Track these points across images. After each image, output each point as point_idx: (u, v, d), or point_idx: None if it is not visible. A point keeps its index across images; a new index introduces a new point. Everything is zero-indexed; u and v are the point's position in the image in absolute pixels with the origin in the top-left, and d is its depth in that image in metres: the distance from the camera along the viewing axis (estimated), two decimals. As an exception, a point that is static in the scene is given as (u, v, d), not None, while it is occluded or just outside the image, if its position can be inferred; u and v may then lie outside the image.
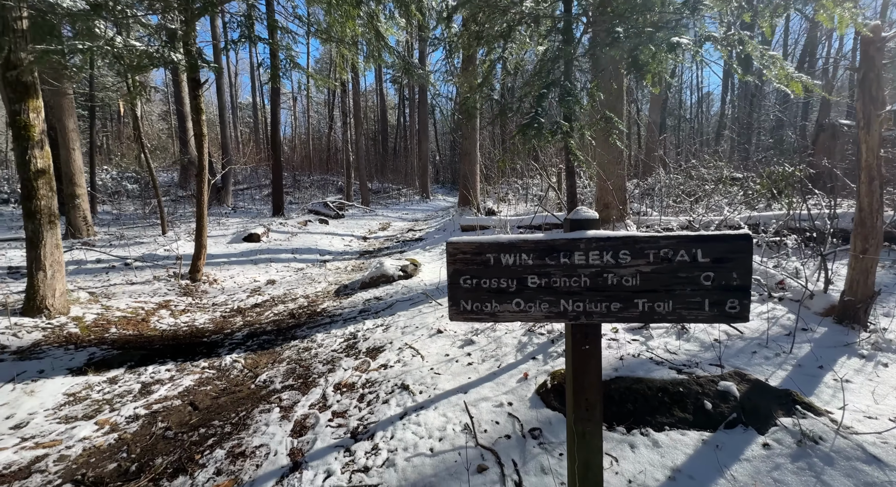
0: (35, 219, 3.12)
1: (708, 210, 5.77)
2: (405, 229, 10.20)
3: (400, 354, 2.82)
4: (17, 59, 2.94)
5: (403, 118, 33.01)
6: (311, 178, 20.39)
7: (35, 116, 3.07)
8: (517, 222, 7.06)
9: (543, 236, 1.15)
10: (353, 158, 15.12)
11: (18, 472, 1.70)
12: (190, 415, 2.21)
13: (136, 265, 5.29)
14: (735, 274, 1.03)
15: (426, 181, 17.45)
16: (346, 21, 4.72)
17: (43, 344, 2.84)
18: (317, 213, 10.55)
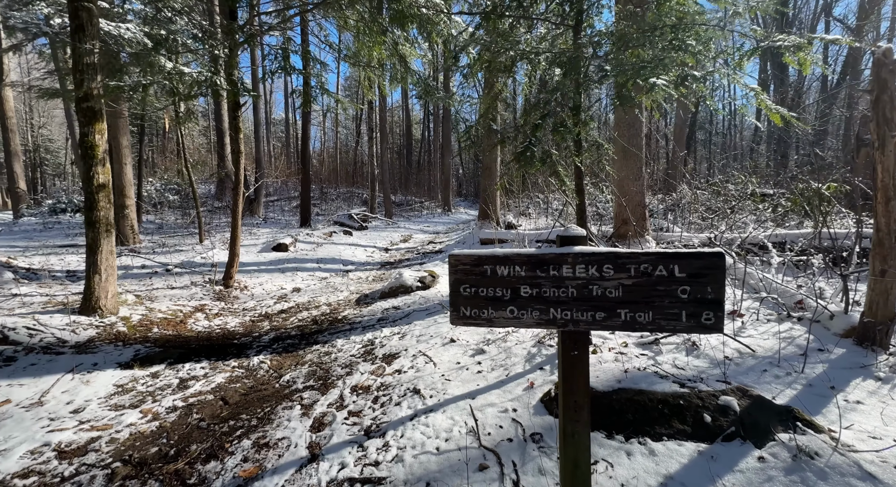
0: (94, 228, 3.51)
1: (732, 227, 5.66)
2: (426, 241, 10.42)
3: (414, 361, 2.95)
4: (88, 90, 3.38)
5: (428, 132, 33.76)
6: (337, 191, 21.16)
7: (100, 138, 3.49)
8: (535, 236, 7.13)
9: (535, 251, 1.28)
10: (377, 172, 15.64)
11: (77, 450, 1.94)
12: (221, 409, 2.42)
13: (175, 271, 5.72)
14: (709, 289, 1.13)
15: (448, 194, 17.75)
16: (374, 46, 5.07)
17: (96, 340, 3.16)
18: (342, 225, 10.96)
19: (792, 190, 6.99)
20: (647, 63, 1.67)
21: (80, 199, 15.26)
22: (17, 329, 2.96)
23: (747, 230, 5.24)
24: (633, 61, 1.77)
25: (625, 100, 1.79)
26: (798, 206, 6.09)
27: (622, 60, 1.76)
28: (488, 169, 9.26)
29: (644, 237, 5.47)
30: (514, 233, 7.55)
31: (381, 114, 16.30)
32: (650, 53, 1.76)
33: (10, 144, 14.86)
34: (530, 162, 1.93)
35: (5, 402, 2.21)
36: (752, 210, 6.45)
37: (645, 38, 1.73)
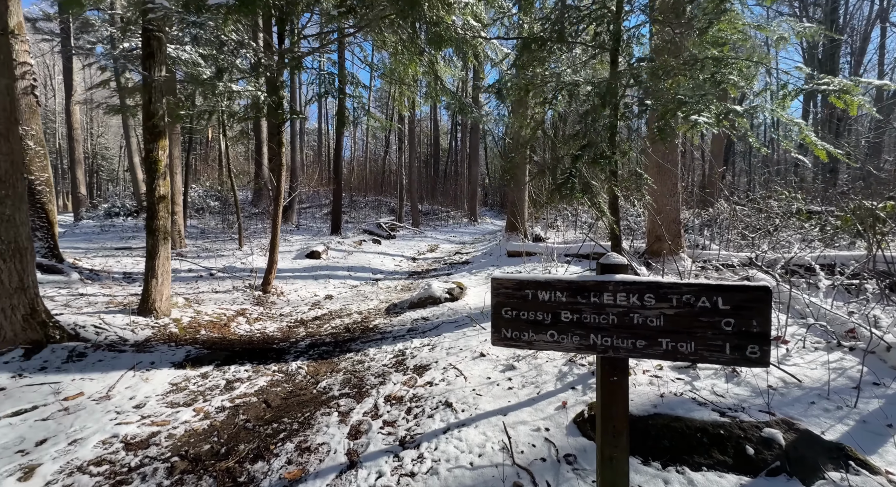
0: (154, 236, 3.81)
1: (775, 246, 5.41)
2: (452, 252, 10.52)
3: (444, 373, 3.01)
4: (154, 110, 3.71)
5: (455, 142, 34.12)
6: (365, 199, 21.71)
7: (162, 153, 3.81)
8: (564, 250, 7.06)
9: (576, 278, 1.33)
10: (405, 181, 15.97)
11: (141, 443, 2.12)
12: (264, 411, 2.56)
13: (218, 275, 6.07)
14: (755, 322, 1.14)
15: (475, 205, 17.84)
16: (409, 64, 5.28)
17: (152, 339, 3.42)
18: (371, 234, 11.25)
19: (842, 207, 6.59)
20: (688, 97, 1.68)
21: (132, 204, 16.43)
22: (87, 327, 3.26)
23: (792, 250, 5.00)
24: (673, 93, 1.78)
25: (666, 135, 1.80)
26: (849, 226, 5.74)
27: (662, 92, 1.78)
28: (516, 181, 9.29)
29: (679, 255, 5.32)
30: (542, 246, 7.51)
31: (410, 126, 16.70)
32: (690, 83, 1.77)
33: (75, 153, 16.25)
34: (572, 193, 1.96)
35: (79, 395, 2.44)
36: (797, 228, 6.14)
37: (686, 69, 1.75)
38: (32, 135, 5.10)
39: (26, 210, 2.78)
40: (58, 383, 2.51)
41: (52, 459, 1.92)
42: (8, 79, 2.65)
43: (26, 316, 2.74)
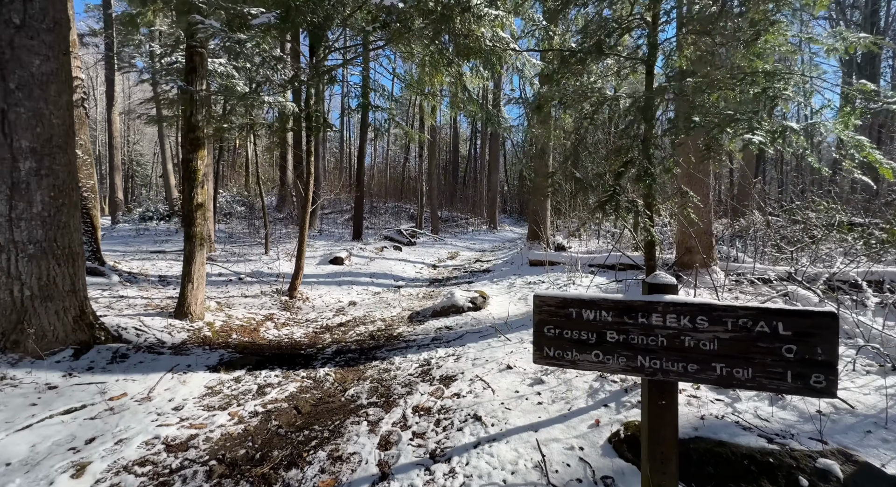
0: (191, 242, 3.96)
1: (815, 260, 5.16)
2: (473, 259, 10.49)
3: (471, 385, 2.99)
4: (195, 122, 3.88)
5: (474, 149, 34.23)
6: (385, 205, 21.97)
7: (201, 163, 3.98)
8: (588, 260, 6.94)
9: (622, 297, 1.31)
10: (425, 188, 16.09)
11: (180, 445, 2.19)
12: (295, 418, 2.61)
13: (247, 280, 6.25)
14: (820, 350, 1.08)
15: (495, 212, 17.79)
16: (436, 75, 5.35)
17: (188, 342, 3.54)
18: (391, 240, 11.36)
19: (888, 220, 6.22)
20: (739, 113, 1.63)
21: (165, 208, 17.16)
22: (128, 329, 3.41)
23: (834, 264, 4.76)
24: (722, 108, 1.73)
25: (716, 152, 1.75)
26: (897, 239, 5.42)
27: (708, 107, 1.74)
28: (539, 189, 9.22)
29: (710, 267, 5.15)
30: (565, 256, 7.41)
31: (431, 134, 16.86)
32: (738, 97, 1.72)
33: (114, 160, 17.13)
34: (616, 211, 1.93)
35: (123, 395, 2.54)
36: (839, 241, 5.84)
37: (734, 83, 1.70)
38: (81, 144, 5.42)
39: (79, 217, 2.95)
40: (103, 383, 2.63)
41: (101, 458, 2.00)
42: (68, 95, 2.83)
43: (76, 317, 2.89)
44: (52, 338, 2.75)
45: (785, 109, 1.81)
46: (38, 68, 2.63)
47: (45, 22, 2.65)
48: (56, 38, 2.71)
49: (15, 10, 2.54)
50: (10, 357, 2.58)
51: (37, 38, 2.62)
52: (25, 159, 2.62)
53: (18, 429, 2.08)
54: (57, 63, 2.73)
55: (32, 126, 2.63)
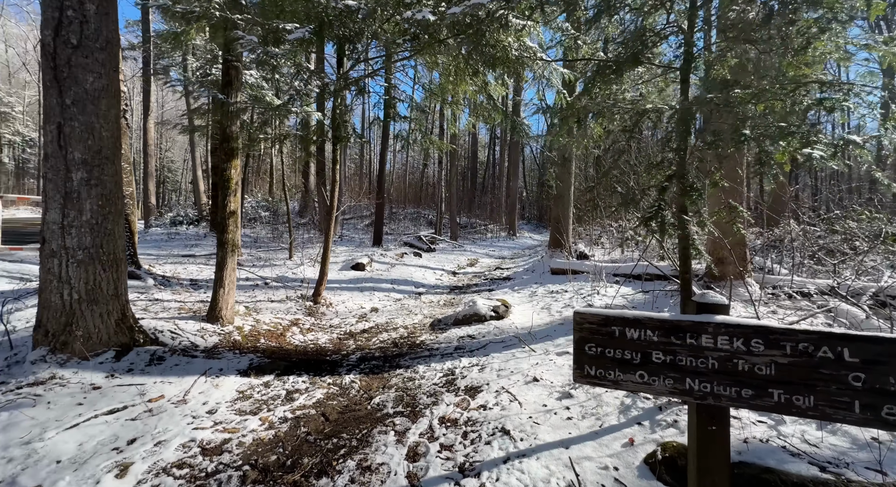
0: (224, 248, 4.09)
1: (860, 273, 4.89)
2: (492, 266, 10.43)
3: (497, 397, 2.96)
4: (230, 132, 4.03)
5: (493, 155, 34.21)
6: (404, 211, 22.18)
7: (234, 172, 4.11)
8: (613, 269, 6.79)
9: (669, 316, 1.27)
10: (445, 195, 16.16)
11: (215, 449, 2.25)
12: (323, 425, 2.63)
13: (272, 285, 6.40)
14: (892, 379, 1.02)
15: (514, 219, 17.68)
16: (460, 84, 5.39)
17: (219, 346, 3.65)
18: (411, 246, 11.43)
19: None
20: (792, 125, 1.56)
21: (194, 213, 17.82)
22: (164, 332, 3.53)
23: (882, 277, 4.50)
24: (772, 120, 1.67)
25: (768, 167, 1.68)
26: (950, 252, 5.07)
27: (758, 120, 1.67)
28: (561, 197, 9.12)
29: (744, 279, 4.95)
30: (588, 265, 7.27)
31: (451, 140, 16.97)
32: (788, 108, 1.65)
33: (148, 166, 17.95)
34: (662, 228, 1.88)
35: (160, 397, 2.63)
36: (886, 253, 5.52)
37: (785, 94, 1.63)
38: (121, 153, 5.71)
39: (122, 224, 3.10)
40: (142, 385, 2.73)
41: (142, 459, 2.07)
42: (116, 109, 2.99)
43: (118, 320, 3.02)
44: (96, 340, 2.88)
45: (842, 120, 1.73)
46: (92, 85, 2.80)
47: (98, 41, 2.82)
48: (108, 56, 2.88)
49: (73, 32, 2.71)
50: (58, 357, 2.71)
51: (91, 57, 2.79)
52: (77, 170, 2.77)
53: (67, 428, 2.18)
54: (108, 79, 2.89)
55: (85, 139, 2.78)
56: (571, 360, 3.42)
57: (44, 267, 2.78)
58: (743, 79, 1.90)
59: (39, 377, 2.55)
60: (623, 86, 2.41)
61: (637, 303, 5.21)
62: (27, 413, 2.24)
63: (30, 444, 2.03)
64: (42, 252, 2.79)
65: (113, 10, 2.90)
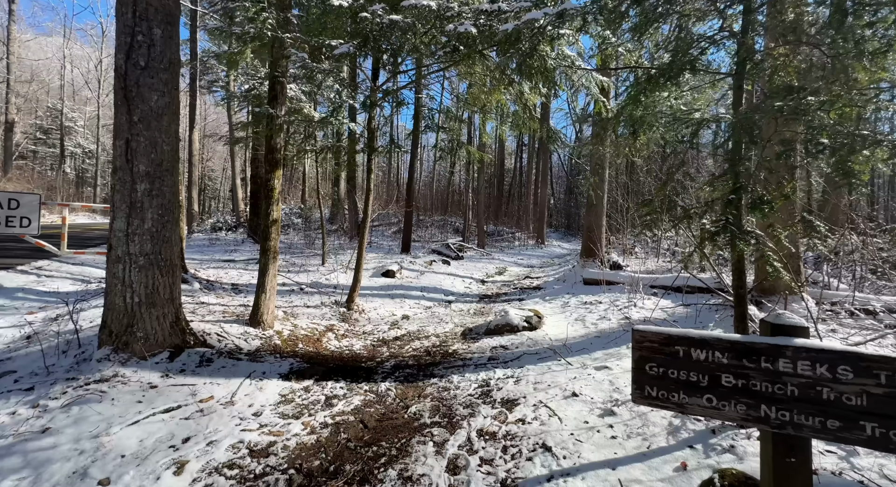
0: (266, 255, 4.26)
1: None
2: (521, 275, 10.30)
3: (536, 411, 2.89)
4: (274, 144, 4.21)
5: (520, 162, 33.99)
6: (431, 219, 22.35)
7: (278, 182, 4.29)
8: (650, 281, 6.54)
9: (740, 337, 1.20)
10: (472, 202, 16.17)
11: (261, 451, 2.32)
12: (362, 432, 2.66)
13: (307, 290, 6.59)
14: None
15: (542, 227, 17.43)
16: (493, 93, 5.41)
17: (261, 350, 3.78)
18: (439, 254, 11.48)
19: None
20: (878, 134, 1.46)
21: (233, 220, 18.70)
22: (211, 334, 3.70)
23: (960, 297, 4.08)
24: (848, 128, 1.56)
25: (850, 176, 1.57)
26: None
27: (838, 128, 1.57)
28: (594, 206, 8.91)
29: (798, 294, 4.63)
30: (624, 275, 7.04)
31: (479, 148, 17.03)
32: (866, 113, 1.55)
33: (192, 175, 19.04)
34: (733, 243, 1.80)
35: (210, 398, 2.75)
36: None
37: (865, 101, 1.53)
38: (174, 164, 6.09)
39: (178, 232, 3.29)
40: (194, 385, 2.86)
41: (196, 457, 2.17)
42: (175, 124, 3.20)
43: (172, 323, 3.20)
44: (153, 341, 3.05)
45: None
46: (156, 102, 3.01)
47: (162, 63, 3.04)
48: (170, 75, 3.10)
49: (141, 55, 2.94)
50: (120, 356, 2.90)
51: (156, 77, 3.01)
52: (141, 182, 2.98)
53: (129, 424, 2.32)
54: (170, 97, 3.11)
55: (148, 152, 2.99)
56: (610, 376, 3.31)
57: (110, 271, 2.99)
58: (808, 84, 1.79)
59: (104, 374, 2.73)
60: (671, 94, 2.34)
61: (678, 317, 4.98)
62: (95, 408, 2.39)
63: (98, 438, 2.17)
64: (109, 257, 3.00)
65: (176, 34, 3.13)
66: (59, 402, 2.44)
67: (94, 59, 34.47)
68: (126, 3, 2.91)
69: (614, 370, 3.54)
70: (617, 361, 3.74)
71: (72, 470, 1.96)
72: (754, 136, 1.72)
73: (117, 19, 2.95)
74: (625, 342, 4.32)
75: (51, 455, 2.04)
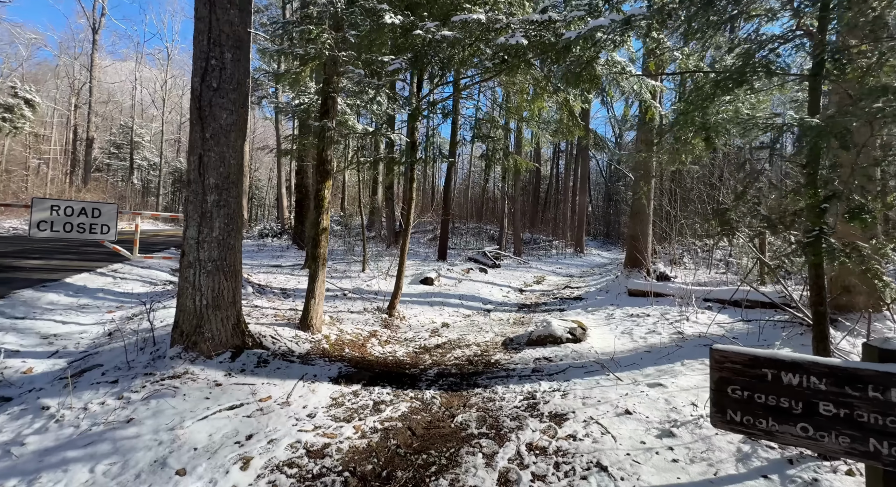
0: (316, 262, 4.45)
1: None
2: (561, 285, 10.04)
3: (587, 428, 2.79)
4: (326, 156, 4.41)
5: (556, 169, 33.38)
6: (466, 226, 22.40)
7: (328, 192, 4.49)
8: (703, 294, 6.17)
9: (841, 363, 1.11)
10: (509, 209, 16.05)
11: (317, 452, 2.40)
12: (411, 439, 2.69)
13: (350, 296, 6.79)
14: None
15: (581, 235, 16.95)
16: (535, 101, 5.38)
17: (311, 353, 3.93)
18: (476, 262, 11.46)
19: None
20: None
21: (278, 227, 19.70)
22: (266, 337, 3.91)
23: None
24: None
25: None
26: None
27: None
28: (639, 214, 8.56)
29: (881, 312, 4.19)
30: (673, 287, 6.68)
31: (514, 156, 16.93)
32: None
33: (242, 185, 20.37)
34: (831, 255, 1.67)
35: (268, 398, 2.90)
36: None
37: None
38: (232, 176, 6.54)
39: (241, 239, 3.52)
40: (253, 385, 3.03)
41: (259, 454, 2.28)
42: (242, 140, 3.45)
43: (234, 325, 3.41)
44: (217, 342, 3.27)
45: None
46: (225, 120, 3.27)
47: (232, 83, 3.30)
48: (239, 95, 3.35)
49: (214, 77, 3.21)
50: (189, 354, 3.13)
51: (226, 97, 3.27)
52: (211, 193, 3.23)
53: (199, 419, 2.49)
54: (237, 115, 3.36)
55: (217, 166, 3.24)
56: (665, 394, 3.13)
57: (182, 275, 3.25)
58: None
59: (177, 371, 2.95)
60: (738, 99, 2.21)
61: (738, 334, 4.65)
62: (169, 402, 2.59)
63: (173, 430, 2.35)
64: (182, 263, 3.27)
65: (244, 57, 3.39)
66: (139, 395, 2.67)
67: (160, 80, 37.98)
68: (202, 31, 3.19)
69: (669, 388, 3.36)
70: (672, 379, 3.55)
71: (153, 459, 2.13)
72: (846, 141, 1.59)
73: (194, 46, 3.25)
74: (679, 358, 4.09)
75: (135, 444, 2.23)
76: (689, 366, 3.82)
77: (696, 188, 9.78)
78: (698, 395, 3.06)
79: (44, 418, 2.46)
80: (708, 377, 3.63)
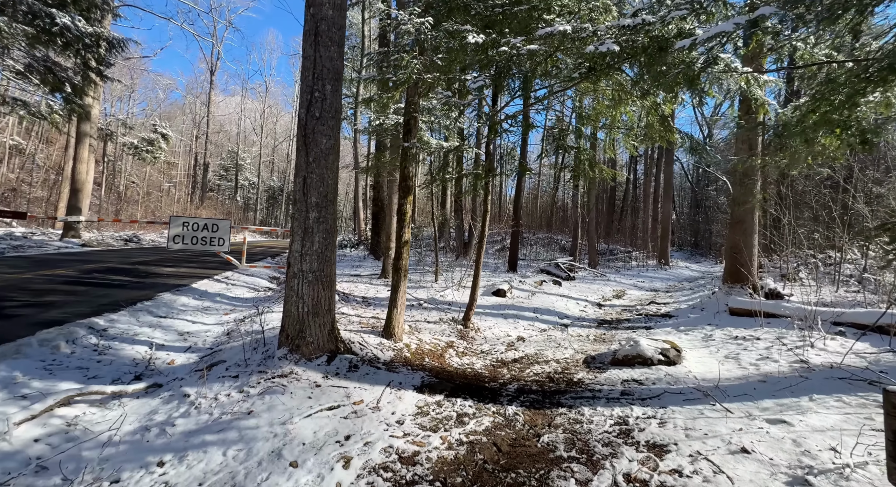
0: (398, 273, 4.68)
1: None
2: (645, 300, 9.25)
3: (694, 464, 2.51)
4: (407, 173, 4.65)
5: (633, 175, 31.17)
6: (535, 236, 21.83)
7: (409, 207, 4.72)
8: (834, 316, 5.22)
9: None
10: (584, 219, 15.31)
11: (408, 459, 2.49)
12: (496, 455, 2.65)
13: (425, 306, 7.00)
14: None
15: (666, 245, 15.50)
16: (617, 106, 5.11)
17: (394, 361, 4.12)
18: (549, 274, 11.08)
19: None
20: None
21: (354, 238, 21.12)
22: (354, 343, 4.19)
23: None
24: None
25: None
26: None
27: None
28: (741, 222, 7.59)
29: None
30: (791, 307, 5.75)
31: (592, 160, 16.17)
32: None
33: (328, 201, 22.25)
34: None
35: (360, 402, 3.09)
36: None
37: None
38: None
39: (336, 252, 3.84)
40: (346, 388, 3.25)
41: (357, 455, 2.44)
42: (337, 161, 3.80)
43: (329, 331, 3.72)
44: (315, 346, 3.59)
45: None
46: (325, 145, 3.63)
47: (331, 112, 3.67)
48: (335, 122, 3.71)
49: (316, 107, 3.60)
50: (294, 356, 3.48)
51: (325, 124, 3.63)
52: (312, 210, 3.59)
53: (304, 416, 2.74)
54: (334, 140, 3.71)
55: (318, 186, 3.60)
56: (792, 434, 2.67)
57: (288, 284, 3.65)
58: None
59: (284, 371, 3.30)
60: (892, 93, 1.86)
61: (887, 368, 3.83)
62: (280, 399, 2.90)
63: (285, 425, 2.62)
64: (287, 273, 3.67)
65: (340, 87, 3.76)
66: (256, 390, 3.03)
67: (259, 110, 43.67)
68: (308, 68, 3.61)
69: (797, 427, 2.88)
70: (799, 416, 3.03)
71: (270, 449, 2.39)
72: None
73: (301, 81, 3.69)
74: (805, 392, 3.49)
75: (255, 434, 2.53)
76: (821, 403, 3.24)
77: (816, 191, 8.39)
78: (840, 440, 2.58)
79: (186, 404, 2.91)
80: (848, 418, 3.05)
